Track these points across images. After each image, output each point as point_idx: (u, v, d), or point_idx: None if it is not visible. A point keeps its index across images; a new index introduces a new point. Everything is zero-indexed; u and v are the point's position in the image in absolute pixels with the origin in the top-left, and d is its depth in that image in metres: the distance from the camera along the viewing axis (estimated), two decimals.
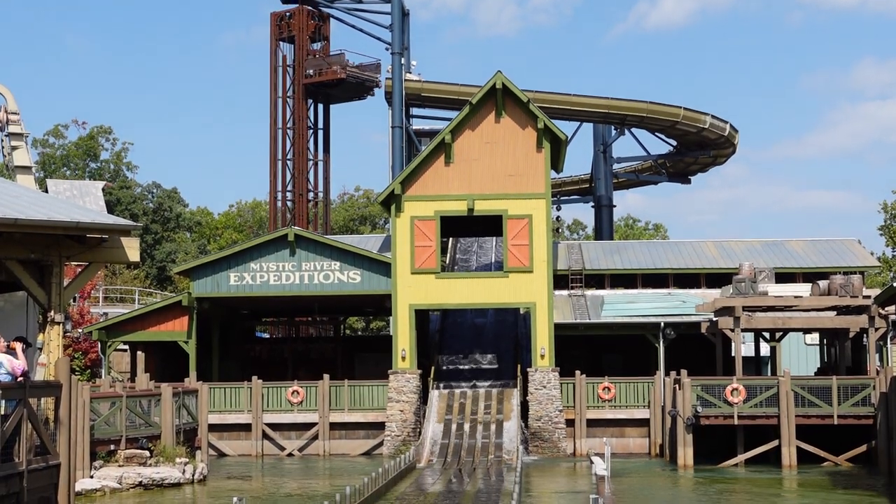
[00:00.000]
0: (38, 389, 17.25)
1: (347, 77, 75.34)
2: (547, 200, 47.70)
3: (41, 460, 16.97)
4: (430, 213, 47.66)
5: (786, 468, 39.53)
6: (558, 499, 32.52)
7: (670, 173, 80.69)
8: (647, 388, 46.86)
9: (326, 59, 76.12)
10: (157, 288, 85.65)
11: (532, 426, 46.15)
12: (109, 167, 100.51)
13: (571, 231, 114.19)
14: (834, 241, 57.54)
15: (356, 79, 75.88)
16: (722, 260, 54.73)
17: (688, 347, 50.24)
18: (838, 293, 42.98)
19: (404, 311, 47.62)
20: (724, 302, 43.64)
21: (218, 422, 46.48)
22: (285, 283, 49.32)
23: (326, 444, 47.52)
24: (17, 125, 58.63)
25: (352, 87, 76.77)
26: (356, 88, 77.52)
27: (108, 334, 49.93)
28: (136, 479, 34.38)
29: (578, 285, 53.65)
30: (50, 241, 17.98)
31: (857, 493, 33.42)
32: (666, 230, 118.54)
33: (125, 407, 35.97)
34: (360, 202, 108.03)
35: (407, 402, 46.92)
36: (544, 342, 46.99)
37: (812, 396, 40.59)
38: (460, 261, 59.54)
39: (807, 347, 54.78)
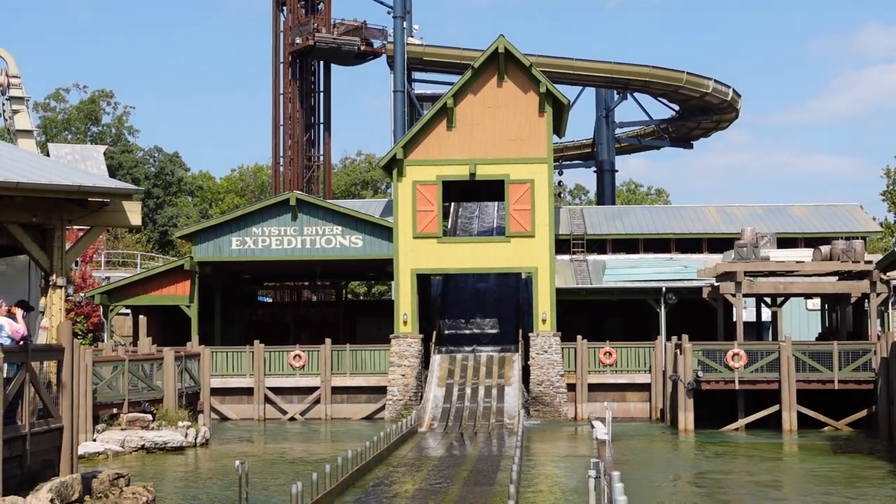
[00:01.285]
0: (41, 353, 17.28)
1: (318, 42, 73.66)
2: (549, 165, 47.64)
3: (44, 423, 17.03)
4: (432, 177, 47.61)
5: (786, 433, 39.64)
6: (559, 463, 32.64)
7: (673, 138, 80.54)
8: (648, 353, 46.96)
9: (307, 25, 74.82)
10: (159, 252, 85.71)
11: (533, 391, 46.28)
12: (111, 131, 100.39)
13: (573, 196, 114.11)
14: (836, 207, 57.50)
15: (337, 44, 74.26)
16: (724, 225, 54.71)
17: (689, 312, 50.27)
18: (840, 258, 42.98)
19: (406, 275, 47.65)
20: (726, 267, 43.64)
21: (220, 386, 46.63)
22: (287, 247, 49.33)
23: (328, 408, 47.67)
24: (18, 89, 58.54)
25: (346, 52, 75.32)
26: (352, 54, 76.17)
27: (111, 298, 50.00)
28: (139, 442, 34.51)
29: (580, 250, 53.66)
30: (52, 205, 17.96)
31: (857, 457, 33.53)
32: (668, 195, 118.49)
33: (127, 371, 36.08)
34: (361, 167, 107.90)
35: (408, 366, 47.03)
36: (546, 307, 47.04)
37: (813, 361, 40.65)
38: (462, 225, 59.53)
39: (808, 313, 54.85)
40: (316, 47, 73.58)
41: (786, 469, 32.46)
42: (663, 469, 31.45)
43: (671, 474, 30.53)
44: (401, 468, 30.79)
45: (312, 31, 73.42)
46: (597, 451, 24.04)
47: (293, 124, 76.03)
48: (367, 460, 29.25)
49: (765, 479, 29.25)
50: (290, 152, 75.95)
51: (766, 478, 29.59)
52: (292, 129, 76.08)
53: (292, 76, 76.03)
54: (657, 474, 30.06)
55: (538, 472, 29.96)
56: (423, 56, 69.69)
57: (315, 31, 73.44)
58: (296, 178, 74.32)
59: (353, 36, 74.48)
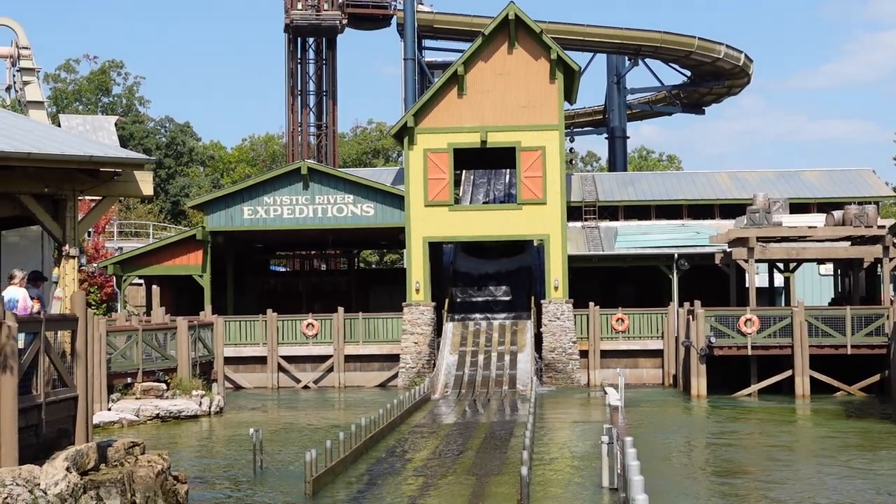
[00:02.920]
0: (54, 323, 17.33)
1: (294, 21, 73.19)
2: (560, 132, 47.53)
3: (59, 393, 17.10)
4: (443, 145, 47.55)
5: (799, 398, 39.67)
6: (572, 429, 32.73)
7: (684, 104, 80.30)
8: (660, 319, 46.96)
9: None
10: (172, 222, 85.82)
11: (546, 357, 46.35)
12: (122, 102, 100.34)
13: (585, 163, 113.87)
14: (849, 172, 57.31)
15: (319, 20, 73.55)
16: (736, 191, 54.58)
17: (701, 278, 50.25)
18: (853, 223, 42.86)
19: (418, 243, 47.67)
20: (738, 233, 43.56)
21: (233, 355, 46.77)
22: (299, 216, 49.36)
23: (341, 376, 47.80)
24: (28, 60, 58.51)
25: (327, 27, 74.63)
26: (335, 30, 75.47)
27: (123, 268, 50.12)
28: (153, 411, 34.69)
29: (592, 217, 53.61)
30: (63, 176, 17.96)
31: (869, 421, 33.56)
32: (680, 161, 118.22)
33: (141, 340, 36.21)
34: (372, 135, 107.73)
35: (421, 334, 47.12)
36: (558, 274, 47.04)
37: (826, 326, 40.61)
38: (473, 193, 59.48)
39: (821, 278, 54.75)
40: (292, 25, 73.51)
41: (799, 433, 32.51)
42: (676, 435, 31.51)
43: (684, 440, 30.60)
44: (414, 435, 30.91)
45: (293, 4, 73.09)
46: (609, 417, 24.12)
47: (304, 95, 75.94)
48: (380, 428, 29.38)
49: (778, 444, 29.30)
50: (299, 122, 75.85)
51: (780, 442, 29.64)
52: (302, 99, 75.97)
53: (293, 48, 75.84)
54: (670, 440, 30.13)
55: (551, 439, 30.05)
56: (433, 23, 69.48)
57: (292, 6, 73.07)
58: (304, 148, 74.28)
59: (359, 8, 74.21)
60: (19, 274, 17.84)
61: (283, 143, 79.93)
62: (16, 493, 14.77)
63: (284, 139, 77.45)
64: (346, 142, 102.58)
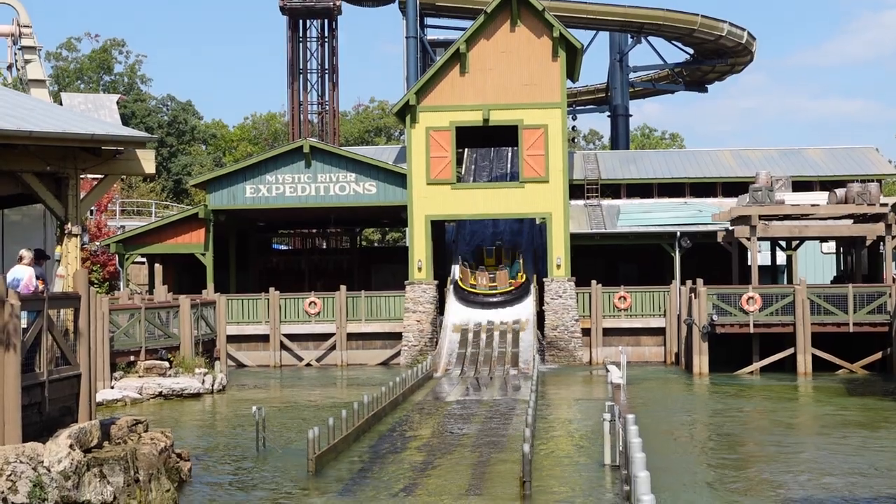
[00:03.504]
0: (57, 301, 17.36)
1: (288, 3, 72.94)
2: (562, 110, 47.47)
3: (62, 371, 17.15)
4: (446, 123, 47.50)
5: (801, 376, 39.73)
6: (574, 407, 32.79)
7: (687, 82, 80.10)
8: (662, 297, 46.97)
9: None
10: (174, 201, 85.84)
11: (548, 335, 46.40)
12: (123, 80, 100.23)
13: (587, 141, 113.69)
14: (852, 150, 57.24)
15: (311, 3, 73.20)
16: (738, 169, 54.53)
17: (704, 256, 50.27)
18: (855, 201, 42.84)
19: (420, 221, 47.67)
20: (741, 211, 43.53)
21: (236, 333, 46.84)
22: (301, 194, 49.36)
23: (344, 354, 47.86)
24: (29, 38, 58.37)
25: (321, 9, 74.15)
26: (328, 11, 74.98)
27: (126, 247, 50.16)
28: (156, 389, 34.78)
29: (594, 195, 53.58)
30: (65, 154, 17.97)
31: (871, 399, 33.61)
32: (683, 139, 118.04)
33: (144, 319, 36.27)
34: (374, 114, 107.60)
35: (423, 312, 47.17)
36: (560, 252, 47.05)
37: (828, 304, 40.63)
38: (476, 171, 59.43)
39: (823, 256, 54.77)
40: (287, 7, 73.18)
41: (800, 411, 32.56)
42: (678, 412, 31.57)
43: (686, 417, 30.65)
44: (416, 413, 30.99)
45: None
46: (612, 394, 24.17)
47: (305, 74, 75.81)
48: (382, 405, 29.45)
49: (780, 421, 29.36)
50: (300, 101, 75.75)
51: (782, 419, 29.69)
52: (303, 77, 75.85)
53: (294, 26, 75.65)
54: (672, 417, 30.18)
55: (553, 416, 30.12)
56: (435, 1, 69.26)
57: None
58: (306, 127, 74.20)
59: None
60: (28, 254, 17.89)
61: (285, 121, 79.95)
62: (19, 470, 14.83)
63: (286, 117, 77.41)
64: (348, 120, 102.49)
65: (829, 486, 20.08)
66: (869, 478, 20.78)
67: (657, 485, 14.55)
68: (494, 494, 19.47)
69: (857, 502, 18.58)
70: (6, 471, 14.73)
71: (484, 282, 47.90)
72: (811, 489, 19.82)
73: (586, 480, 20.76)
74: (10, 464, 14.83)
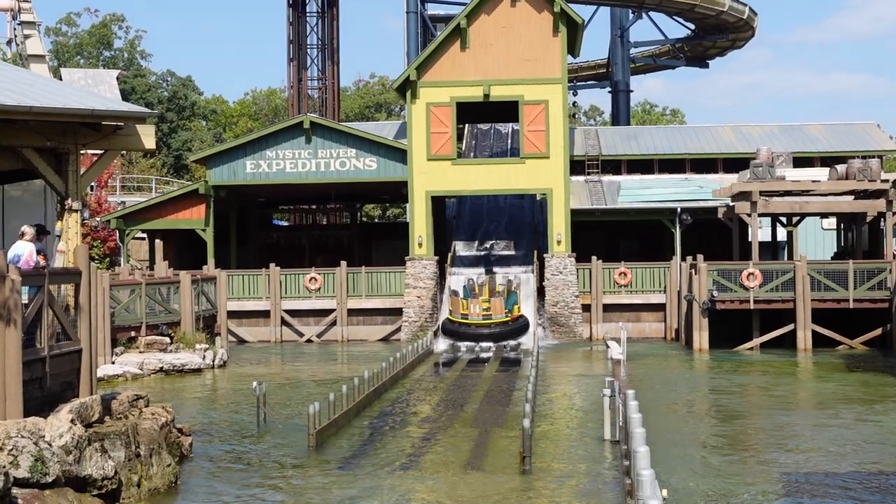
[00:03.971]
0: (58, 276, 17.38)
1: None
2: (563, 85, 47.38)
3: (63, 346, 17.18)
4: (446, 99, 47.43)
5: (801, 352, 39.78)
6: (574, 382, 32.85)
7: (688, 57, 79.93)
8: (663, 273, 46.99)
9: None
10: (174, 176, 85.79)
11: (548, 311, 46.44)
12: (123, 56, 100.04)
13: (588, 117, 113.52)
14: (853, 125, 57.16)
15: None
16: (739, 144, 54.47)
17: (704, 232, 50.28)
18: (856, 177, 42.79)
19: (420, 197, 47.65)
20: (741, 187, 43.50)
21: (237, 309, 46.89)
22: (301, 170, 49.34)
23: (344, 329, 47.92)
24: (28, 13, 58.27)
25: None
26: None
27: (126, 223, 50.16)
28: (157, 364, 34.83)
29: (595, 171, 53.55)
30: (65, 129, 17.95)
31: (871, 374, 33.66)
32: (683, 115, 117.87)
33: (144, 294, 36.29)
34: (375, 89, 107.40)
35: (424, 288, 47.20)
36: (561, 228, 47.05)
37: (828, 281, 40.65)
38: (476, 147, 59.37)
39: (823, 232, 54.76)
40: None
41: (800, 387, 32.62)
42: (678, 388, 31.63)
43: (686, 393, 30.70)
44: (417, 389, 31.08)
45: None
46: (612, 370, 24.21)
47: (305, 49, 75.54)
48: (383, 381, 29.52)
49: (780, 395, 29.42)
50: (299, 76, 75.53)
51: (782, 394, 29.75)
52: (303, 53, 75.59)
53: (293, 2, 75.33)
54: (672, 393, 30.24)
55: (553, 392, 30.18)
56: None
57: None
58: (306, 102, 74.02)
59: None
60: (30, 230, 17.90)
61: (286, 97, 79.75)
62: (21, 444, 14.87)
63: (287, 93, 77.20)
64: (348, 96, 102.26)
65: (827, 461, 20.14)
66: (863, 452, 20.84)
67: (657, 459, 14.59)
68: (494, 469, 19.54)
69: (852, 477, 18.64)
70: (7, 445, 14.77)
71: (477, 310, 42.78)
72: (809, 465, 19.88)
73: (586, 455, 20.82)
74: (12, 438, 14.87)
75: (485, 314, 42.54)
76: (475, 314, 42.68)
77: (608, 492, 17.62)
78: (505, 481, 18.53)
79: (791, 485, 18.18)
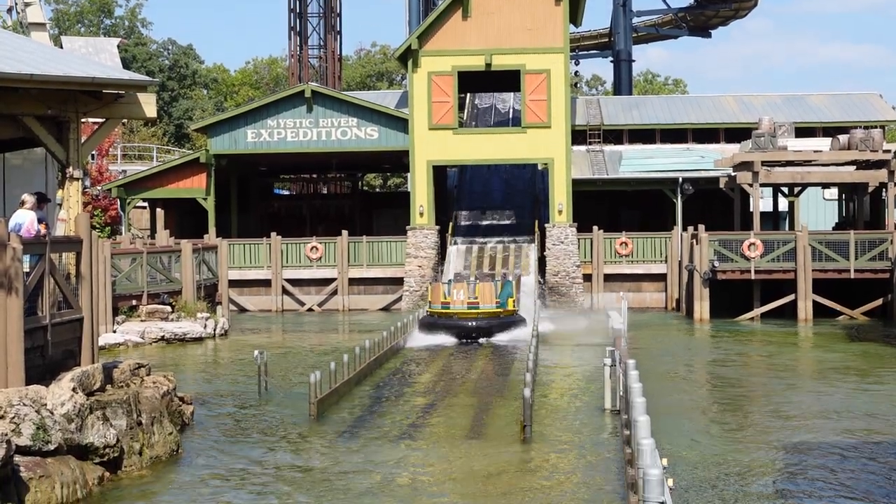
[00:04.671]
0: (59, 245, 17.38)
1: None
2: (565, 55, 47.24)
3: (64, 314, 17.20)
4: (448, 68, 47.29)
5: (801, 322, 39.82)
6: (575, 352, 32.90)
7: (691, 27, 79.67)
8: (664, 243, 46.98)
9: None
10: (175, 145, 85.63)
11: (549, 281, 46.47)
12: (124, 24, 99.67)
13: (590, 86, 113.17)
14: (855, 96, 57.01)
15: None
16: (741, 114, 54.33)
17: (706, 202, 50.23)
18: (858, 147, 42.71)
19: (422, 167, 47.60)
20: (743, 157, 43.44)
21: (238, 277, 46.91)
22: (303, 139, 49.25)
23: (345, 299, 47.95)
24: None
25: None
26: None
27: (127, 191, 50.12)
28: (159, 333, 34.89)
29: (597, 141, 53.45)
30: (66, 97, 17.92)
31: (872, 345, 33.73)
32: (686, 85, 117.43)
33: (146, 263, 36.32)
34: (376, 58, 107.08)
35: (425, 257, 47.21)
36: (562, 198, 47.01)
37: (829, 251, 40.65)
38: (478, 116, 59.25)
39: (825, 202, 54.75)
40: None
41: (801, 356, 32.70)
42: (678, 357, 31.69)
43: (686, 362, 30.77)
44: (418, 358, 31.12)
45: None
46: (612, 340, 24.23)
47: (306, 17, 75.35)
48: (384, 350, 29.56)
49: (780, 365, 29.47)
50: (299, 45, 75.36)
51: (782, 364, 29.80)
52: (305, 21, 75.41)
53: None
54: (672, 363, 30.31)
55: (554, 361, 30.22)
56: None
57: None
58: (307, 71, 73.89)
59: None
60: (30, 199, 17.89)
61: (287, 66, 79.62)
62: (23, 412, 14.92)
63: (288, 62, 77.06)
64: (349, 65, 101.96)
65: (826, 430, 20.19)
66: (862, 421, 20.90)
67: (657, 429, 14.64)
68: (495, 438, 19.60)
69: (851, 445, 18.70)
70: (10, 413, 14.82)
71: (461, 297, 35.22)
72: (809, 434, 19.94)
73: (586, 425, 20.88)
74: (14, 406, 14.92)
75: (471, 303, 35.01)
76: (459, 302, 35.06)
77: (608, 461, 17.68)
78: (505, 450, 18.59)
79: (791, 453, 18.24)
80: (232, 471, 17.45)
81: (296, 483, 16.70)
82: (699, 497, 15.51)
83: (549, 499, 15.60)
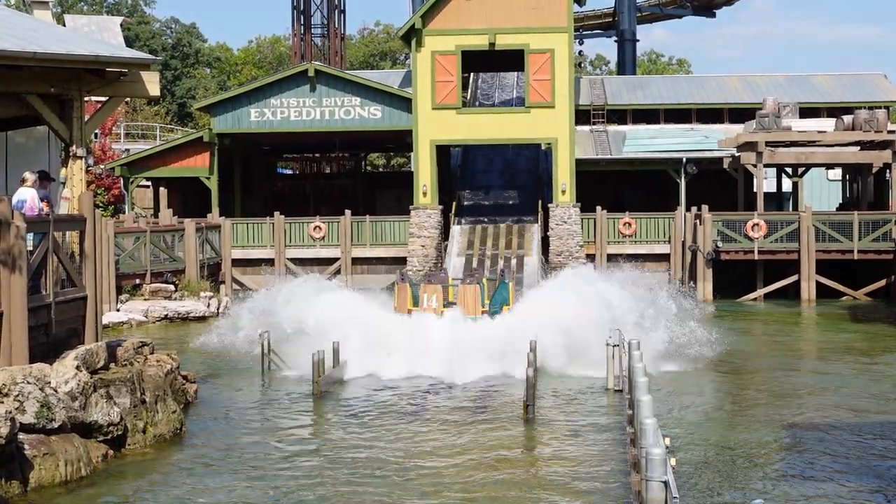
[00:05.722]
0: (63, 223, 17.40)
1: None
2: (569, 34, 47.10)
3: (68, 293, 17.23)
4: (451, 47, 47.18)
5: (805, 302, 39.83)
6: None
7: (695, 7, 79.43)
8: (667, 224, 46.91)
9: None
10: (178, 124, 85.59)
11: (553, 261, 46.42)
12: (127, 2, 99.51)
13: (594, 66, 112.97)
14: (860, 76, 56.85)
15: None
16: (745, 95, 54.18)
17: (709, 183, 50.15)
18: (862, 128, 42.64)
19: (425, 146, 47.54)
20: (747, 137, 43.38)
21: (241, 257, 46.90)
22: (306, 118, 49.17)
23: (349, 278, 47.88)
24: None
25: None
26: None
27: (131, 170, 50.09)
28: (162, 312, 34.95)
29: (600, 120, 53.35)
30: (69, 76, 17.91)
31: (874, 325, 33.73)
32: (690, 65, 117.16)
33: (149, 242, 36.36)
34: (380, 37, 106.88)
35: (428, 237, 47.19)
36: (565, 178, 46.95)
37: (833, 231, 40.64)
38: (481, 96, 59.15)
39: (829, 183, 54.66)
40: None
41: (804, 337, 32.73)
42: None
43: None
44: None
45: None
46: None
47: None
48: None
49: (783, 345, 29.48)
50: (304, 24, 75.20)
51: (785, 344, 29.81)
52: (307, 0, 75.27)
53: None
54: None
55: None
56: None
57: None
58: (311, 50, 73.75)
59: None
60: (31, 177, 17.89)
61: (290, 45, 79.43)
62: (27, 390, 14.95)
63: (291, 41, 76.90)
64: (353, 44, 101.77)
65: (829, 410, 20.21)
66: (865, 401, 20.92)
67: (659, 409, 14.66)
68: (498, 417, 19.64)
69: (854, 426, 18.73)
70: (14, 391, 14.85)
71: (433, 304, 26.41)
72: (811, 414, 19.96)
73: (589, 404, 20.91)
74: (18, 384, 14.95)
75: (442, 311, 26.38)
76: (428, 309, 26.30)
77: (611, 440, 17.71)
78: (508, 429, 18.62)
79: (794, 432, 18.27)
80: (235, 449, 17.50)
81: (299, 461, 16.74)
82: (702, 476, 15.54)
83: (552, 478, 15.63)
